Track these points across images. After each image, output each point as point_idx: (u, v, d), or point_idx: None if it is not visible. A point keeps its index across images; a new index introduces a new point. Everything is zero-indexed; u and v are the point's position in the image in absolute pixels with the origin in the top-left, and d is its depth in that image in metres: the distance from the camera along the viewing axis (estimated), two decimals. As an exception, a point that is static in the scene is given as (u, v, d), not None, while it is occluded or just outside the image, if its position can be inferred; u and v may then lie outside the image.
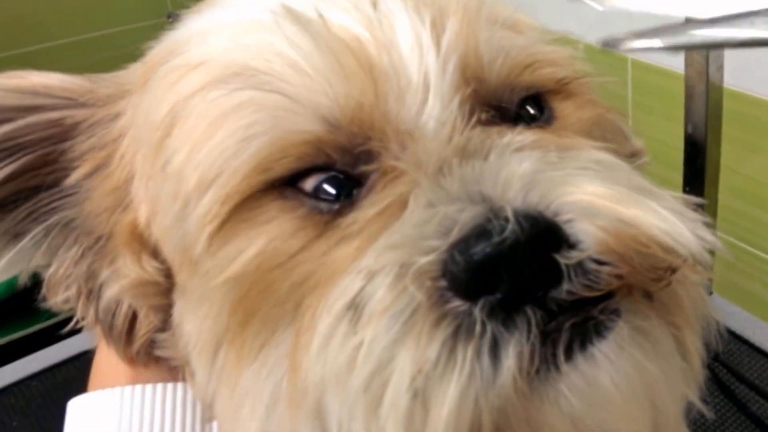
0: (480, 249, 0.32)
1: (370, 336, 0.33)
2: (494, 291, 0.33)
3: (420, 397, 0.33)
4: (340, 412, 0.35)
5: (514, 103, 0.42)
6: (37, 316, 1.43)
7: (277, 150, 0.37)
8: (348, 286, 0.35)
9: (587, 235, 0.34)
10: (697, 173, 1.01)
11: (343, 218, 0.37)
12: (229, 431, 0.41)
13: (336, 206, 0.38)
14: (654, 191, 0.37)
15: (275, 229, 0.38)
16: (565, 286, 0.33)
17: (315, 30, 0.38)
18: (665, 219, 0.35)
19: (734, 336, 1.01)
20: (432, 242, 0.34)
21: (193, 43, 0.42)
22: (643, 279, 0.35)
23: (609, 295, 0.35)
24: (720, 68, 0.92)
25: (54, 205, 0.46)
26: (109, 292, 0.45)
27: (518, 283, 0.33)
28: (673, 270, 0.36)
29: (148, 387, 0.47)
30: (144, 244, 0.44)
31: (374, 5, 0.40)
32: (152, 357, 0.47)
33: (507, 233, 0.32)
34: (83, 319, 0.47)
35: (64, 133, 0.45)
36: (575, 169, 0.36)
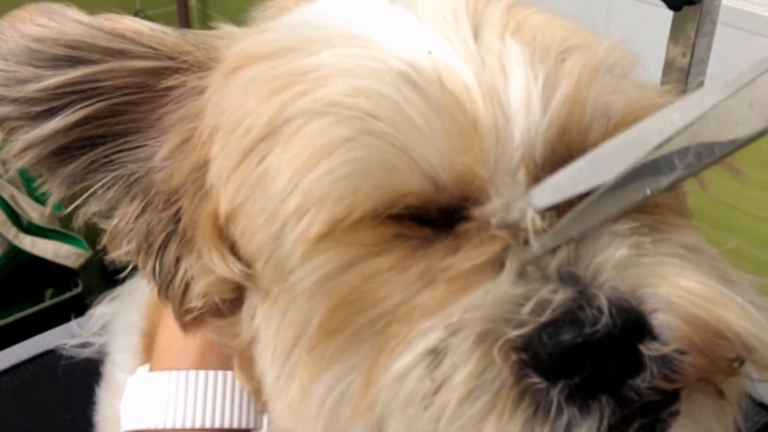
0: (570, 337, 0.34)
1: (456, 401, 0.34)
2: (574, 375, 0.34)
3: None
4: None
5: None
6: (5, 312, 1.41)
7: (388, 199, 0.38)
8: (432, 332, 0.36)
9: (670, 327, 0.35)
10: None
11: (433, 249, 0.38)
12: (288, 428, 0.42)
13: (424, 233, 0.39)
14: (734, 279, 0.39)
15: (367, 243, 0.38)
16: (645, 375, 0.34)
17: (426, 82, 0.38)
18: (749, 317, 0.36)
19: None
20: (522, 317, 0.35)
21: (300, 53, 0.41)
22: (716, 370, 0.37)
23: (676, 397, 0.36)
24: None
25: (117, 157, 0.46)
26: (197, 288, 0.45)
27: (601, 372, 0.34)
28: (742, 361, 0.37)
29: (210, 373, 0.47)
30: (224, 239, 0.44)
31: (497, 56, 0.39)
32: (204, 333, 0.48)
33: (599, 326, 0.33)
34: (143, 269, 0.48)
35: (142, 85, 0.45)
36: (665, 256, 0.37)
